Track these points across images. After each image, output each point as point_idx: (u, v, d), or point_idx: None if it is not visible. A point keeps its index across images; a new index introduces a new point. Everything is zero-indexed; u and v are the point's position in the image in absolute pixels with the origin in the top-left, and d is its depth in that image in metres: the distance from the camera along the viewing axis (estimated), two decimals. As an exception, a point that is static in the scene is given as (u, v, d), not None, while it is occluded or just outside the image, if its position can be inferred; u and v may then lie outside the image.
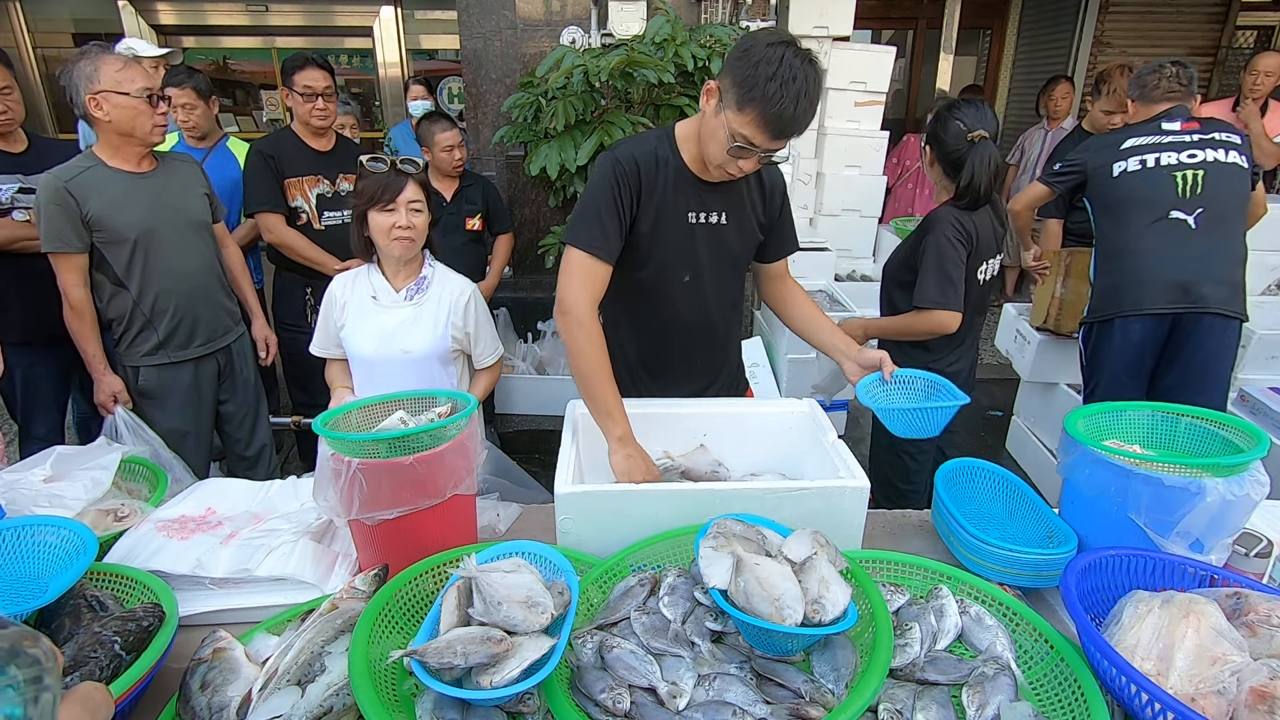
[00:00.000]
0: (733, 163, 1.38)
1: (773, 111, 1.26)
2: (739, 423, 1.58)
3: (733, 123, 1.31)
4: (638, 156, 1.48)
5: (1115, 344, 2.44)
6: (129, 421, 2.06)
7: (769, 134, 1.30)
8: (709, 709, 0.92)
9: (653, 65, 2.87)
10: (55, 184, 1.95)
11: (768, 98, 1.25)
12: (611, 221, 1.46)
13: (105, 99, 1.92)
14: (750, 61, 1.26)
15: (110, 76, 1.91)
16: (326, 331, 1.89)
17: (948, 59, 6.54)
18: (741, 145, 1.32)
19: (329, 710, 0.92)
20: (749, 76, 1.26)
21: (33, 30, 6.36)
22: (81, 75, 1.91)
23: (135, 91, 1.94)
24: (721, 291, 1.66)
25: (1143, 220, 2.39)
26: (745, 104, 1.28)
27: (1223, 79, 5.94)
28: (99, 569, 1.18)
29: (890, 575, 1.22)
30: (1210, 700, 0.87)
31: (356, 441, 1.15)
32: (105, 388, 2.13)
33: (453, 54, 6.67)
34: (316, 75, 2.61)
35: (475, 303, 1.90)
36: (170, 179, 2.14)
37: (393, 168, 1.75)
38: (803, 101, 1.26)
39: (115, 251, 2.05)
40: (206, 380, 2.29)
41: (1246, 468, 1.10)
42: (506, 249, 3.42)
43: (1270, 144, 3.62)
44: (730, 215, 1.56)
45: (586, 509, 1.24)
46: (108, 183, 2.01)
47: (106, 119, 1.94)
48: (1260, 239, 3.28)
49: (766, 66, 1.24)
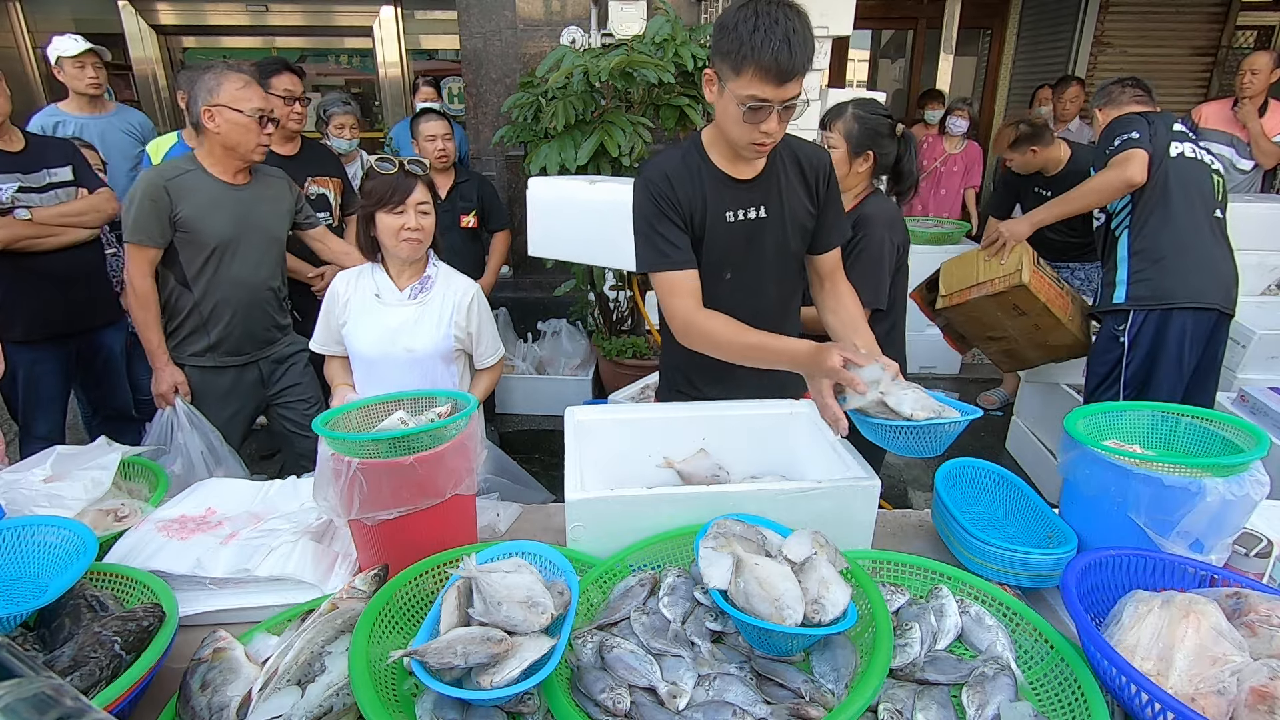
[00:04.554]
0: (754, 130, 1.36)
1: (767, 57, 1.26)
2: (739, 424, 1.58)
3: (736, 91, 1.32)
4: (665, 168, 1.50)
5: (1174, 332, 2.40)
6: (189, 414, 2.11)
7: (772, 81, 1.29)
8: (709, 709, 0.92)
9: (653, 65, 2.86)
10: (158, 181, 2.03)
11: (756, 47, 1.25)
12: (670, 230, 1.48)
13: (220, 113, 2.00)
14: (728, 28, 1.29)
15: (230, 93, 2.01)
16: (328, 328, 1.90)
17: (948, 59, 6.54)
18: (752, 106, 1.31)
19: (329, 710, 0.92)
20: (732, 40, 1.28)
21: (33, 30, 6.35)
22: (204, 86, 2.00)
23: (249, 111, 2.03)
24: (768, 288, 1.63)
25: (1200, 211, 2.40)
26: (740, 66, 1.29)
27: (1223, 79, 5.94)
28: (99, 569, 1.18)
29: (890, 575, 1.22)
30: (1210, 700, 0.87)
31: (356, 441, 1.15)
32: (166, 379, 2.16)
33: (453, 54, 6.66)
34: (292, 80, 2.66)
35: (478, 303, 1.90)
36: (260, 193, 2.20)
37: (401, 169, 1.75)
38: (794, 38, 1.26)
39: (191, 253, 2.10)
40: (245, 386, 2.30)
41: (1246, 468, 1.10)
42: (504, 246, 3.42)
43: (1269, 144, 3.62)
44: (770, 208, 1.55)
45: (598, 514, 1.24)
46: (202, 189, 2.08)
47: (217, 131, 2.02)
48: (1260, 239, 3.30)
49: (745, 24, 1.26)
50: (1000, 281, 2.69)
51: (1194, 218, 2.39)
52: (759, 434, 1.57)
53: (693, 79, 3.14)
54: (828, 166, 1.60)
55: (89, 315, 2.57)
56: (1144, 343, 2.46)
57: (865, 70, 7.29)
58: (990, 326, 2.88)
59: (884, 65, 7.40)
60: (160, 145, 3.02)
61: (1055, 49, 6.22)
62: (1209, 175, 2.43)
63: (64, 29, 6.39)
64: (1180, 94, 5.92)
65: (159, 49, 6.53)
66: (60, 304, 2.45)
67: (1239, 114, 3.66)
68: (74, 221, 2.40)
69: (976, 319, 2.88)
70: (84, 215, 2.43)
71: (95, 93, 3.26)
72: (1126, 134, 2.43)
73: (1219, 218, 2.43)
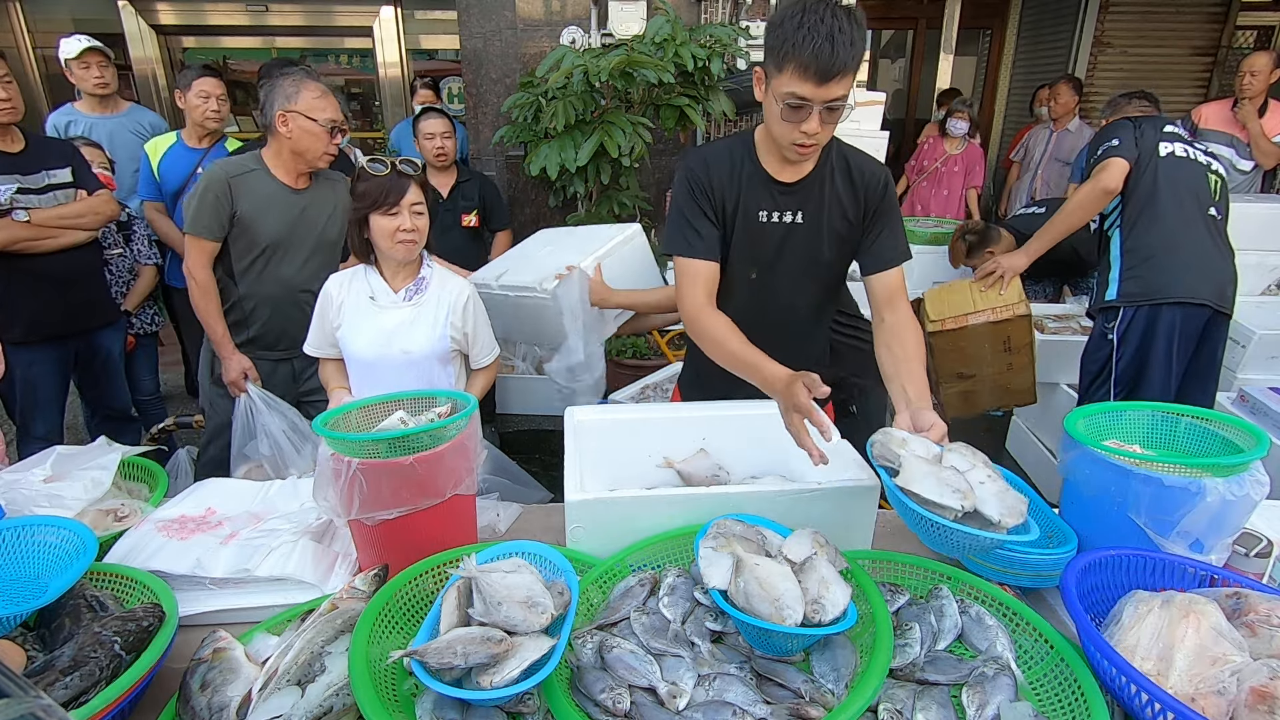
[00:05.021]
0: (795, 129, 1.34)
1: (809, 54, 1.25)
2: (739, 424, 1.57)
3: (779, 87, 1.31)
4: (708, 157, 1.51)
5: (1163, 327, 2.41)
6: (263, 397, 2.14)
7: (813, 79, 1.27)
8: (709, 709, 0.92)
9: (653, 65, 2.87)
10: (222, 177, 2.07)
11: (799, 44, 1.25)
12: (699, 220, 1.49)
13: (294, 119, 2.04)
14: (776, 24, 1.29)
15: (307, 101, 2.04)
16: (322, 331, 1.89)
17: (948, 59, 6.53)
18: (792, 103, 1.30)
19: (329, 710, 0.92)
20: (777, 36, 1.29)
21: (33, 30, 6.35)
22: (282, 92, 2.04)
23: (323, 120, 2.06)
24: (795, 293, 1.60)
25: (1192, 208, 2.42)
26: (783, 61, 1.28)
27: (1223, 79, 5.93)
28: (99, 569, 1.18)
29: (890, 575, 1.22)
30: (1210, 700, 0.87)
31: (356, 441, 1.15)
32: (234, 366, 2.18)
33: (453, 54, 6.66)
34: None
35: (473, 303, 1.90)
36: (318, 198, 2.22)
37: (393, 170, 1.75)
38: (839, 38, 1.24)
39: (241, 249, 2.13)
40: (277, 381, 2.33)
41: (1246, 468, 1.11)
42: (505, 246, 3.41)
43: (1269, 144, 3.63)
44: (808, 215, 1.52)
45: (597, 515, 1.24)
46: (263, 189, 2.11)
47: (288, 136, 2.06)
48: (1260, 239, 3.29)
49: (792, 20, 1.26)
50: (1003, 310, 2.67)
51: (1184, 215, 2.41)
52: (759, 434, 1.57)
53: (693, 79, 3.14)
54: (882, 180, 1.53)
55: (87, 316, 2.56)
56: (1133, 339, 2.47)
57: (865, 70, 7.28)
58: (969, 361, 2.83)
59: (884, 65, 7.41)
60: (158, 145, 3.02)
61: (1055, 49, 6.22)
62: (1203, 174, 2.44)
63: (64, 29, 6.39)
64: (1180, 94, 5.92)
65: (159, 49, 6.53)
66: (58, 305, 2.44)
67: (1239, 114, 3.66)
68: (72, 224, 2.40)
69: (961, 349, 2.81)
70: (83, 217, 2.42)
71: (103, 92, 3.25)
72: (1108, 142, 2.48)
73: (1214, 216, 2.44)
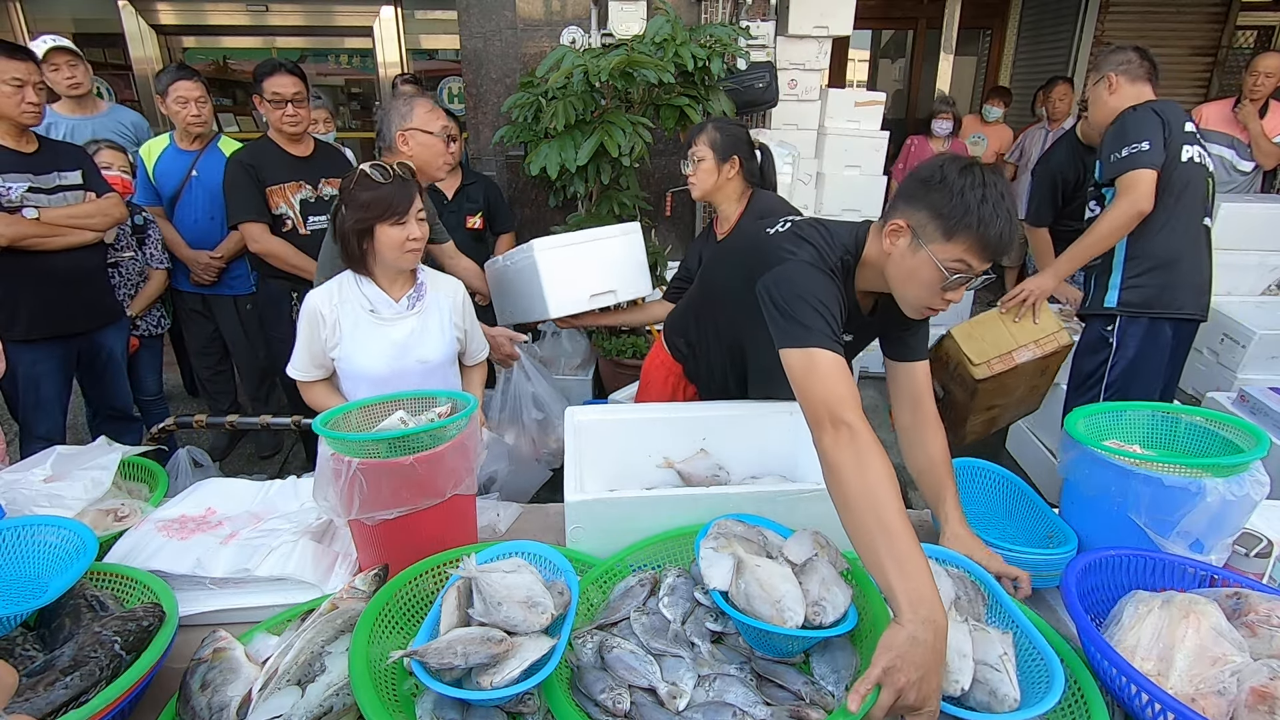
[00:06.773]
0: (940, 297, 1.27)
1: (993, 233, 1.20)
2: (738, 425, 1.58)
3: (942, 254, 1.23)
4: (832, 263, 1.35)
5: (1161, 340, 2.40)
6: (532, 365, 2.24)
7: (984, 256, 1.23)
8: (709, 710, 0.92)
9: (653, 65, 2.86)
10: None
11: (984, 220, 1.19)
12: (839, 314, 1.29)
13: (413, 136, 2.06)
14: (952, 190, 1.21)
15: (421, 116, 2.06)
16: (310, 353, 1.73)
17: (948, 59, 6.53)
18: (960, 274, 1.23)
19: (329, 710, 0.92)
20: (955, 204, 1.20)
21: (33, 30, 6.35)
22: (398, 113, 2.07)
23: (438, 131, 2.09)
24: None
25: (1197, 218, 2.38)
26: (956, 232, 1.21)
27: (1223, 79, 5.94)
28: (99, 569, 1.18)
29: (890, 575, 1.22)
30: (1210, 700, 0.87)
31: (356, 441, 1.15)
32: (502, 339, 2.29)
33: (453, 54, 6.66)
34: (285, 81, 2.63)
35: (466, 299, 1.89)
36: None
37: (396, 177, 1.68)
38: (1014, 218, 1.22)
39: None
40: None
41: (1246, 468, 1.11)
42: (508, 249, 3.41)
43: (1270, 144, 3.62)
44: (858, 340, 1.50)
45: (597, 515, 1.24)
46: None
47: (409, 154, 2.07)
48: (1260, 239, 3.29)
49: (972, 192, 1.19)
50: (1047, 341, 2.50)
51: (1190, 226, 2.38)
52: (759, 434, 1.57)
53: (693, 79, 3.14)
54: None
55: (90, 315, 2.57)
56: (1131, 345, 2.46)
57: (865, 70, 7.29)
58: (1007, 393, 2.64)
59: (884, 65, 7.40)
60: (152, 149, 3.01)
61: (1055, 49, 6.22)
62: (1206, 179, 2.42)
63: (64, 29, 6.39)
64: (1180, 94, 5.92)
65: (159, 49, 6.52)
66: (62, 304, 2.45)
67: (1239, 115, 3.65)
68: (81, 224, 2.42)
69: (1003, 385, 2.57)
70: (92, 218, 2.45)
71: (76, 93, 3.18)
72: (1137, 143, 2.30)
73: (1207, 225, 2.42)
